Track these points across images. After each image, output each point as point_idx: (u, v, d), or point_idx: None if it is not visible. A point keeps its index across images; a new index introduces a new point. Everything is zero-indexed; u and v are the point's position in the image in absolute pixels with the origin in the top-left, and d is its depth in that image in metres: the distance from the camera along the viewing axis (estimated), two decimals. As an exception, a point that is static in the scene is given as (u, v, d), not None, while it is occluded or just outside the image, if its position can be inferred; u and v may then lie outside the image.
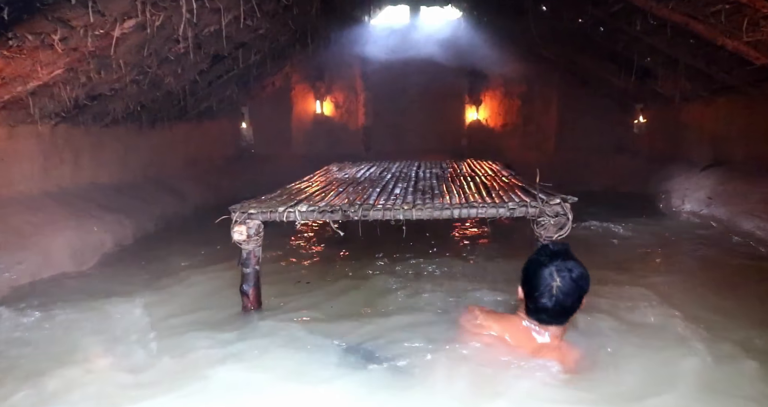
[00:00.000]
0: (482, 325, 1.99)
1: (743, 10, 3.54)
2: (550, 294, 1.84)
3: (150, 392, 1.92)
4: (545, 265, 1.86)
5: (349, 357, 2.14)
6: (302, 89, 9.66)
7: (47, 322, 2.67)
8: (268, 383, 1.96)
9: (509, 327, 1.95)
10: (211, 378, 1.99)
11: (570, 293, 1.83)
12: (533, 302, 1.88)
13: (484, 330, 1.97)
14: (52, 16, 2.72)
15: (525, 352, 1.88)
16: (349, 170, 4.62)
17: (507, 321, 1.98)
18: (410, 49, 9.01)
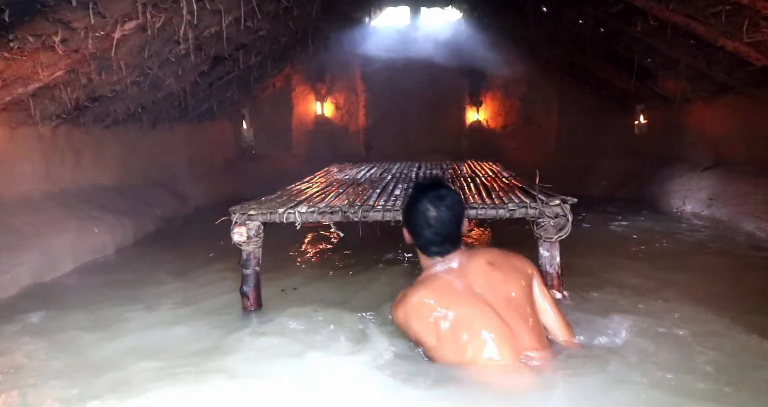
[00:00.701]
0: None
1: (743, 11, 3.55)
2: (429, 226, 1.91)
3: (148, 390, 1.93)
4: (419, 200, 1.93)
5: (349, 357, 2.14)
6: (303, 90, 9.67)
7: (48, 324, 2.68)
8: (267, 384, 1.96)
9: (431, 286, 1.90)
10: (208, 379, 1.99)
11: (447, 220, 1.90)
12: (419, 239, 1.94)
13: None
14: (53, 18, 2.73)
15: (461, 287, 1.86)
16: (349, 171, 4.63)
17: (424, 285, 1.91)
18: (411, 51, 9.02)
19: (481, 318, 1.80)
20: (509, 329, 1.79)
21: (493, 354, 1.76)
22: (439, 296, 1.86)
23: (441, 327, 1.82)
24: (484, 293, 1.84)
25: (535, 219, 2.48)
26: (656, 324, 2.34)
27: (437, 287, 1.89)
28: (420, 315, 1.85)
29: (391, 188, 3.37)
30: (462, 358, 1.79)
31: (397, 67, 9.19)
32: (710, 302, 2.70)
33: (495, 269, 1.91)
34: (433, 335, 1.82)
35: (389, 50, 9.10)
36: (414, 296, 1.89)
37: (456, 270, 1.92)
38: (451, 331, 1.81)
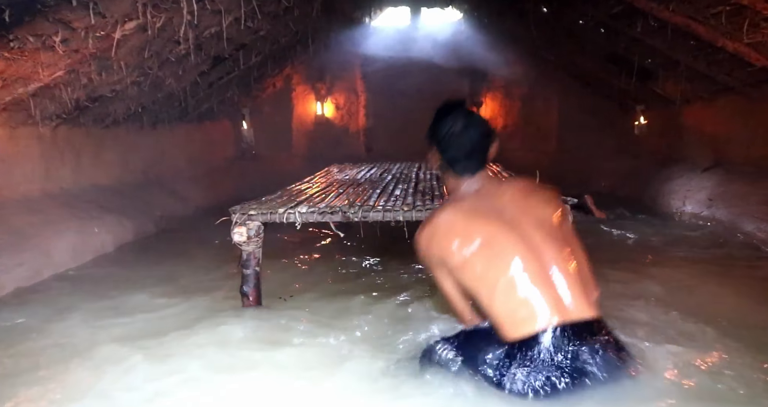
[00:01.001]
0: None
1: (744, 11, 3.55)
2: (459, 138, 1.86)
3: (146, 389, 1.93)
4: (449, 113, 1.90)
5: (349, 357, 2.14)
6: (303, 91, 9.67)
7: (48, 323, 2.68)
8: (265, 384, 1.96)
9: (458, 206, 1.85)
10: (206, 379, 1.99)
11: (477, 135, 1.87)
12: (448, 152, 1.89)
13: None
14: (53, 18, 2.73)
15: (490, 209, 1.79)
16: (349, 171, 4.63)
17: (451, 205, 1.87)
18: (411, 51, 9.03)
19: (507, 242, 1.72)
20: (537, 254, 1.70)
21: (520, 280, 1.68)
22: (466, 217, 1.80)
23: (466, 247, 1.74)
24: (513, 218, 1.76)
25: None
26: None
27: (465, 208, 1.83)
28: (446, 234, 1.79)
29: (391, 189, 3.37)
30: (485, 281, 1.72)
31: (398, 67, 9.19)
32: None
33: (528, 196, 1.85)
34: (457, 256, 1.75)
35: (389, 50, 9.11)
36: (440, 215, 1.84)
37: (485, 192, 1.87)
38: (476, 253, 1.73)
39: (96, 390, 1.95)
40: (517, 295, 1.68)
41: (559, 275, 1.69)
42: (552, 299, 1.66)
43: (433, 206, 2.61)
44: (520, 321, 1.67)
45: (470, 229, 1.77)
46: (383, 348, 2.21)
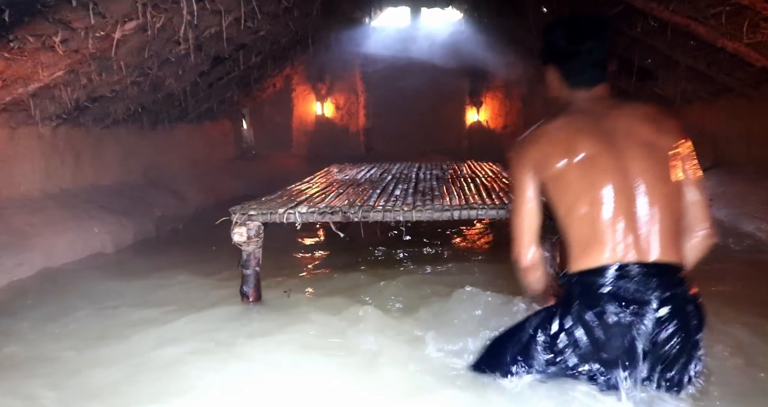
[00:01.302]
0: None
1: (744, 12, 3.55)
2: (579, 45, 1.75)
3: (145, 388, 1.93)
4: (567, 21, 1.83)
5: (350, 357, 2.14)
6: (303, 91, 9.68)
7: (49, 322, 2.68)
8: (264, 384, 1.96)
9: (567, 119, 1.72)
10: (204, 378, 1.99)
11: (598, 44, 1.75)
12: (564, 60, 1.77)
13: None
14: (53, 18, 2.73)
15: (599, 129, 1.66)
16: (349, 171, 4.63)
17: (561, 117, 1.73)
18: (411, 51, 9.03)
19: (607, 166, 1.62)
20: (632, 186, 1.61)
21: (604, 209, 1.60)
22: (574, 130, 1.69)
23: (566, 160, 1.64)
24: (622, 142, 1.65)
25: (535, 220, 2.48)
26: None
27: (574, 122, 1.72)
28: (550, 142, 1.70)
29: (391, 189, 3.37)
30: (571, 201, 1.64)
31: (398, 67, 9.20)
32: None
33: (646, 123, 1.70)
34: (553, 166, 1.66)
35: (389, 50, 9.11)
36: (548, 124, 1.74)
37: (599, 111, 1.73)
38: (573, 169, 1.64)
39: (87, 388, 1.95)
40: (596, 223, 1.61)
41: (648, 212, 1.60)
42: (630, 235, 1.59)
43: (433, 206, 2.60)
44: (591, 250, 1.61)
45: (575, 143, 1.66)
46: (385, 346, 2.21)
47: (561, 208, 1.68)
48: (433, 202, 2.74)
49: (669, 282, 1.59)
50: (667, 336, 1.58)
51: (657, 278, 1.58)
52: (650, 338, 1.57)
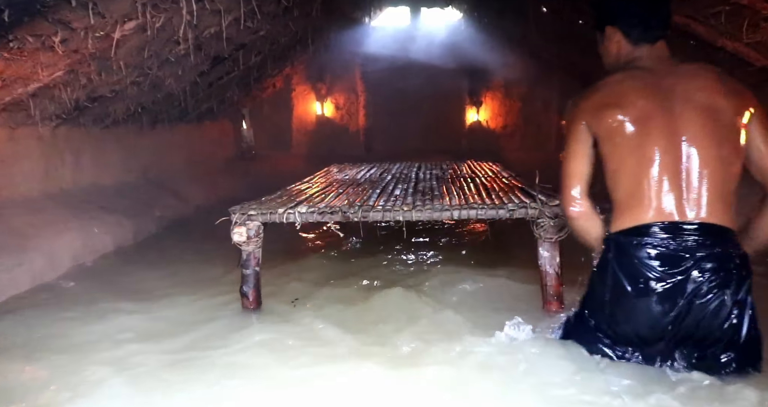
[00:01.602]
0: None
1: (743, 11, 3.54)
2: (639, 4, 1.79)
3: (145, 387, 1.93)
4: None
5: (350, 357, 2.14)
6: (303, 91, 9.68)
7: (50, 321, 2.68)
8: (262, 383, 1.96)
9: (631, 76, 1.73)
10: (203, 377, 1.99)
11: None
12: (625, 13, 1.80)
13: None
14: (53, 18, 2.73)
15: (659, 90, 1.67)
16: (349, 171, 4.63)
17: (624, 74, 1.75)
18: (411, 51, 9.03)
19: (662, 127, 1.64)
20: (684, 148, 1.62)
21: (653, 170, 1.62)
22: (632, 88, 1.70)
23: (620, 117, 1.67)
24: (680, 104, 1.66)
25: (535, 219, 2.48)
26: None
27: (633, 79, 1.73)
28: (606, 97, 1.72)
29: (391, 189, 3.37)
30: (621, 159, 1.67)
31: (397, 67, 9.20)
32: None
33: (709, 85, 1.72)
34: (607, 123, 1.68)
35: (389, 50, 9.11)
36: (607, 79, 1.77)
37: (661, 69, 1.76)
38: (627, 127, 1.66)
39: (87, 388, 1.95)
40: (643, 182, 1.64)
41: (697, 174, 1.62)
42: (675, 195, 1.62)
43: (433, 206, 2.60)
44: (636, 208, 1.65)
45: (631, 100, 1.68)
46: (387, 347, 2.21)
47: (611, 164, 1.70)
48: (432, 202, 2.74)
49: (712, 242, 1.61)
50: (708, 292, 1.58)
51: (698, 238, 1.60)
52: (692, 294, 1.59)
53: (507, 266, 3.37)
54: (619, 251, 1.68)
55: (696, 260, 1.59)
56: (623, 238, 1.68)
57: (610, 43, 1.87)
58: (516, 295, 2.84)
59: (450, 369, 1.97)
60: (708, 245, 1.60)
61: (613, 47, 1.87)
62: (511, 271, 3.26)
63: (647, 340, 1.68)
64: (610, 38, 1.87)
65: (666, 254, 1.60)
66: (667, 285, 1.60)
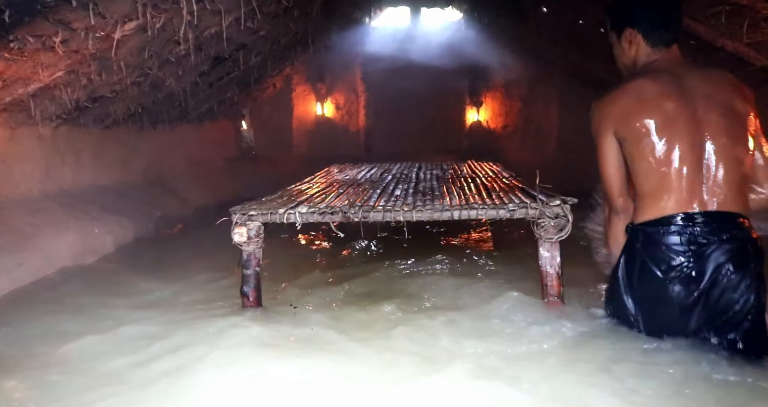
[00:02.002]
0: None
1: (743, 11, 3.54)
2: (656, 10, 1.95)
3: (143, 387, 1.93)
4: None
5: (348, 359, 2.14)
6: (303, 91, 9.68)
7: (50, 322, 2.68)
8: (264, 384, 1.96)
9: (653, 77, 1.88)
10: (203, 378, 1.99)
11: (670, 4, 1.98)
12: (644, 16, 1.95)
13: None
14: (53, 19, 2.73)
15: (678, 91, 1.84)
16: (349, 171, 4.63)
17: (645, 76, 1.90)
18: (411, 51, 9.03)
19: (685, 126, 1.80)
20: (704, 143, 1.80)
21: (679, 168, 1.80)
22: (655, 91, 1.84)
23: (646, 120, 1.82)
24: (704, 107, 1.83)
25: (535, 220, 2.48)
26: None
27: (655, 82, 1.86)
28: (631, 100, 1.87)
29: (392, 189, 3.37)
30: (647, 158, 1.82)
31: (398, 67, 9.20)
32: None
33: (727, 87, 1.90)
34: (633, 125, 1.84)
35: (389, 51, 9.11)
36: (631, 83, 1.91)
37: (679, 71, 1.89)
38: (651, 128, 1.82)
39: (87, 389, 1.95)
40: (669, 178, 1.81)
41: (717, 169, 1.80)
42: (697, 188, 1.81)
43: (433, 206, 2.60)
44: (661, 201, 1.83)
45: (657, 101, 1.83)
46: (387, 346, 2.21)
47: (639, 163, 1.86)
48: (433, 202, 2.74)
49: (729, 227, 1.81)
50: (729, 274, 1.78)
51: (718, 224, 1.80)
52: (715, 274, 1.79)
53: (507, 266, 3.37)
54: (648, 241, 1.85)
55: (718, 243, 1.78)
56: (651, 228, 1.85)
57: (629, 45, 2.01)
58: (516, 295, 2.84)
59: (452, 372, 1.97)
60: (727, 230, 1.79)
61: (631, 49, 2.00)
62: (511, 271, 3.26)
63: (675, 323, 1.86)
64: (629, 40, 2.00)
65: (691, 240, 1.80)
66: (694, 267, 1.79)
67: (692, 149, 1.80)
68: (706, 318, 1.81)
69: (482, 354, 2.08)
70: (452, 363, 2.01)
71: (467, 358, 2.06)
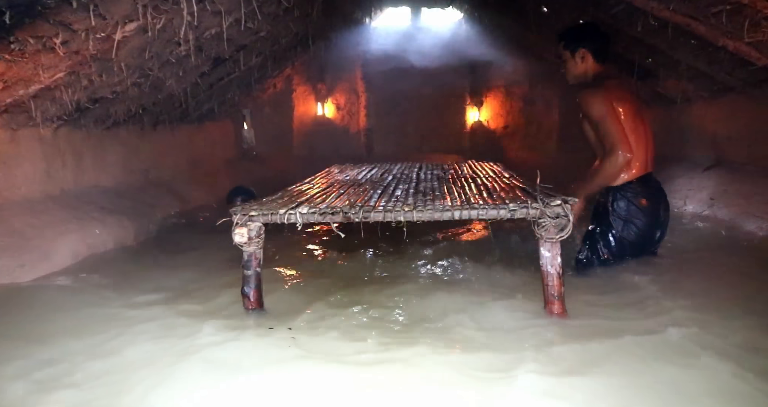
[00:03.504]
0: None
1: (744, 10, 3.53)
2: (603, 38, 3.29)
3: (142, 387, 1.93)
4: (589, 27, 3.51)
5: (351, 357, 2.14)
6: (303, 91, 9.68)
7: (51, 321, 2.68)
8: (264, 384, 1.96)
9: (618, 80, 3.27)
10: (202, 378, 1.99)
11: (605, 34, 3.40)
12: (598, 48, 3.22)
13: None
14: (54, 20, 2.73)
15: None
16: (350, 171, 4.62)
17: (613, 80, 3.18)
18: (411, 51, 9.03)
19: (644, 114, 3.14)
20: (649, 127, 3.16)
21: (645, 143, 3.09)
22: (622, 87, 3.15)
23: (629, 107, 3.04)
24: (641, 104, 3.20)
25: (536, 219, 2.48)
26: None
27: (617, 82, 3.14)
28: (617, 91, 3.05)
29: (392, 189, 3.37)
30: (632, 133, 3.00)
31: (398, 67, 9.20)
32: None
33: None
34: (625, 108, 3.01)
35: (390, 51, 9.11)
36: (609, 82, 3.09)
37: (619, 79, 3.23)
38: (631, 113, 3.02)
39: (88, 386, 1.95)
40: (641, 150, 3.05)
41: (652, 143, 3.15)
42: (649, 157, 3.13)
43: (434, 206, 2.60)
44: (642, 165, 3.08)
45: (628, 94, 3.13)
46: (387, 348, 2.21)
47: (629, 138, 3.00)
48: (433, 202, 2.74)
49: (659, 183, 3.26)
50: (666, 210, 3.24)
51: (657, 181, 3.24)
52: (662, 211, 3.21)
53: (508, 266, 3.37)
54: (637, 191, 3.08)
55: (659, 194, 3.22)
56: (634, 184, 3.09)
57: (581, 60, 3.23)
58: (517, 295, 2.84)
59: (454, 376, 1.97)
60: (658, 183, 3.24)
61: (583, 63, 3.23)
62: (512, 271, 3.26)
63: (647, 240, 3.22)
64: (581, 56, 3.22)
65: (650, 189, 3.15)
66: (655, 206, 3.16)
67: (647, 129, 3.11)
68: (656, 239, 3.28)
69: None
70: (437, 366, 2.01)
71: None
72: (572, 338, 2.23)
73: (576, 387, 1.83)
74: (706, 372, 1.91)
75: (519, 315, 2.53)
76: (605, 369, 1.96)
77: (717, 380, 1.86)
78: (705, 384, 1.84)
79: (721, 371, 1.91)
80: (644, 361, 2.01)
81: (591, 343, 2.16)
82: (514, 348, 2.17)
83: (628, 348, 2.13)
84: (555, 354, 2.08)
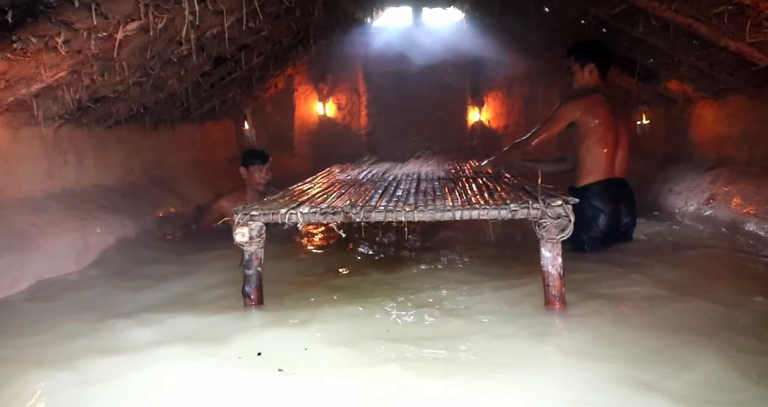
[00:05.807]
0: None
1: (746, 11, 3.54)
2: (607, 55, 4.12)
3: (142, 387, 1.93)
4: (597, 44, 4.27)
5: (350, 361, 2.14)
6: (305, 91, 9.68)
7: (51, 322, 2.69)
8: (263, 385, 1.96)
9: (600, 95, 3.91)
10: (202, 378, 1.99)
11: (609, 51, 4.20)
12: (603, 64, 3.99)
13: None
14: (56, 19, 2.73)
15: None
16: (351, 171, 4.63)
17: (595, 94, 3.89)
18: (413, 51, 9.03)
19: (614, 128, 3.82)
20: (618, 139, 3.89)
21: (607, 152, 3.81)
22: (601, 103, 3.78)
23: (595, 119, 3.73)
24: (615, 118, 3.85)
25: (537, 220, 2.48)
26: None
27: (600, 98, 3.83)
28: (590, 104, 3.76)
29: (393, 189, 3.37)
30: (592, 142, 3.80)
31: (399, 67, 9.19)
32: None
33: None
34: (590, 120, 3.75)
35: (391, 50, 9.11)
36: (591, 95, 3.79)
37: (607, 93, 3.89)
38: (597, 125, 3.74)
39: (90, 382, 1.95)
40: (601, 158, 3.78)
41: (619, 152, 3.88)
42: (614, 163, 3.84)
43: (435, 206, 2.60)
44: (603, 170, 3.81)
45: (602, 111, 3.76)
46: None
47: (586, 144, 3.83)
48: (434, 202, 2.74)
49: (624, 186, 4.01)
50: (628, 210, 3.98)
51: (621, 185, 3.98)
52: (625, 211, 3.96)
53: (508, 267, 3.38)
54: (597, 193, 3.80)
55: (621, 195, 3.93)
56: (596, 186, 3.81)
57: (589, 74, 3.92)
58: (517, 295, 2.84)
59: (456, 378, 1.98)
60: (623, 187, 3.95)
61: (590, 77, 3.92)
62: (512, 271, 3.26)
63: (607, 234, 3.85)
64: (589, 70, 3.91)
65: (614, 193, 3.86)
66: (615, 207, 3.86)
67: (615, 140, 3.80)
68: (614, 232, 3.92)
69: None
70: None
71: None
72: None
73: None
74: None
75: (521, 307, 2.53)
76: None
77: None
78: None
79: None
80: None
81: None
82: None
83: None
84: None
